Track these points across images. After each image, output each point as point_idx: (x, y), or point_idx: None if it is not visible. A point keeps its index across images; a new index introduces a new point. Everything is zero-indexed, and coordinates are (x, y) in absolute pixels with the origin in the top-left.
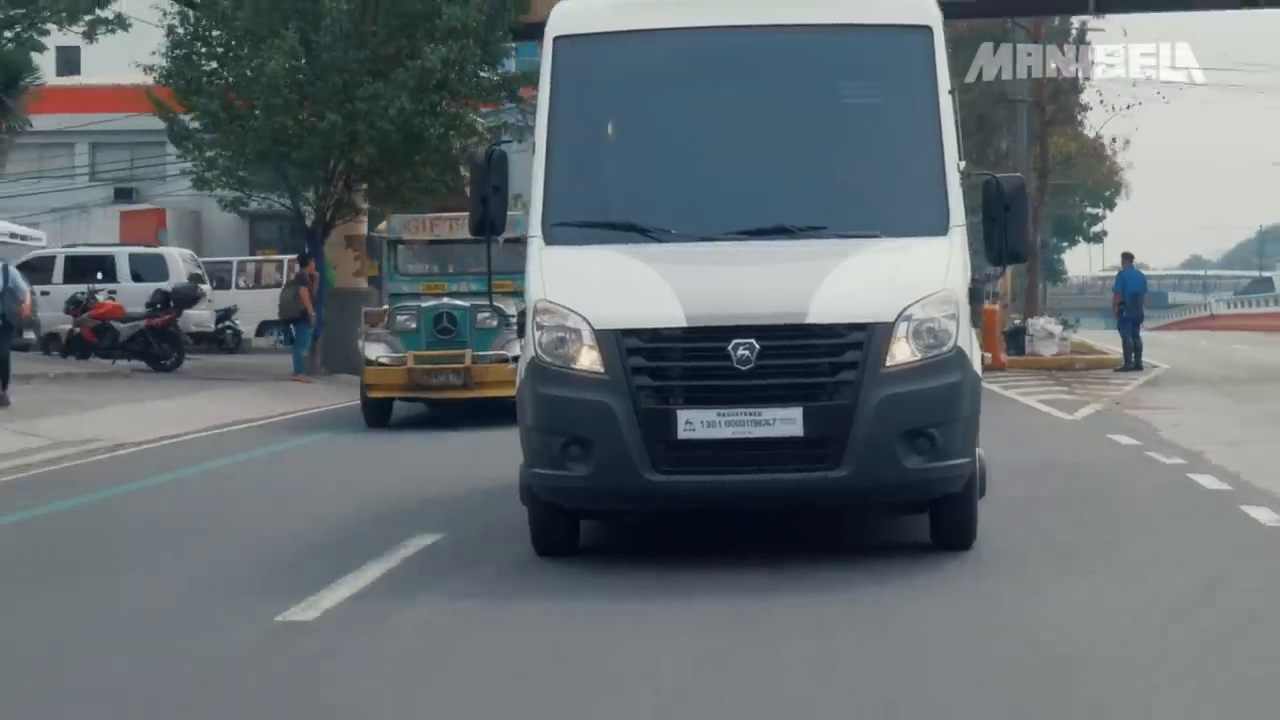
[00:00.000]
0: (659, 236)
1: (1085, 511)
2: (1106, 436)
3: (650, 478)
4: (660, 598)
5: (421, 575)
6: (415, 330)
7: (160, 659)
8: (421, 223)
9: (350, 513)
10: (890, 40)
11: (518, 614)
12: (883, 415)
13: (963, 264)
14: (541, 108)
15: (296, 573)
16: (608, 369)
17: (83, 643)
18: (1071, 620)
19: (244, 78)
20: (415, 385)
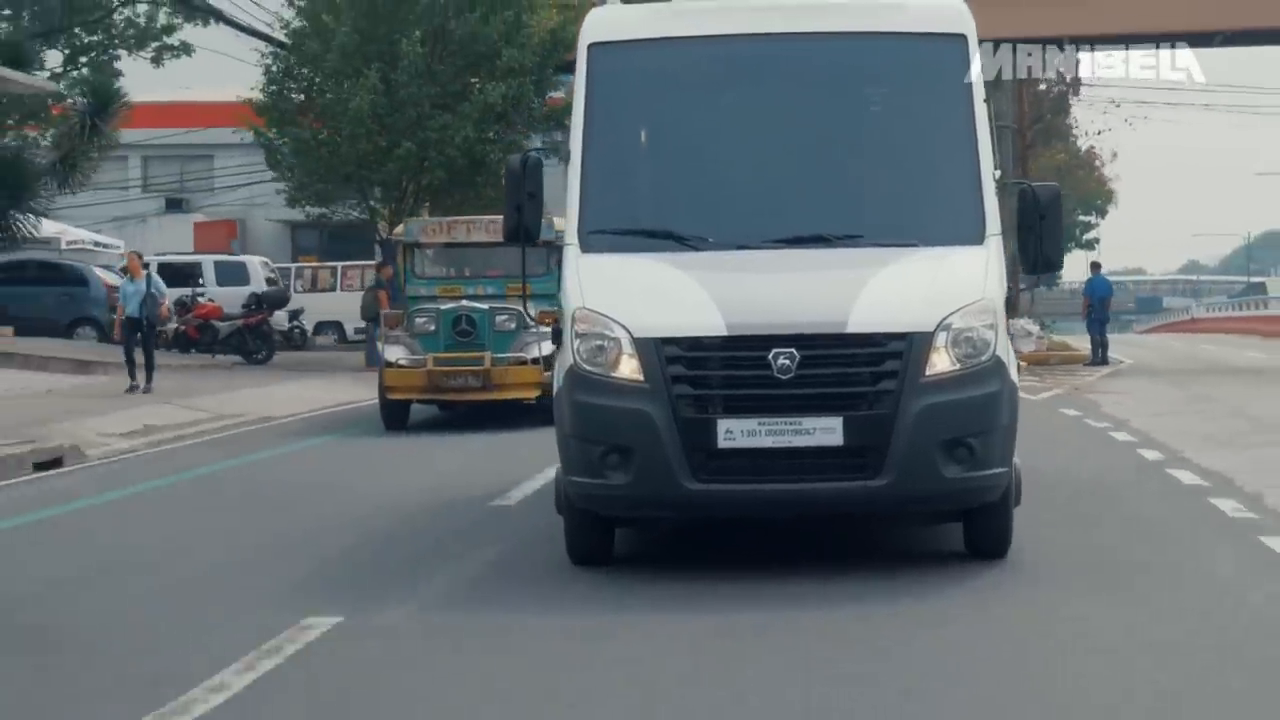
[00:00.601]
0: (696, 244)
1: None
2: (1059, 410)
3: (690, 486)
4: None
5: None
6: (434, 332)
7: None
8: (438, 226)
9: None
10: (925, 49)
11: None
12: (922, 425)
13: (1000, 273)
14: (577, 115)
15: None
16: (647, 377)
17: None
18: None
19: (331, 110)
20: (434, 387)
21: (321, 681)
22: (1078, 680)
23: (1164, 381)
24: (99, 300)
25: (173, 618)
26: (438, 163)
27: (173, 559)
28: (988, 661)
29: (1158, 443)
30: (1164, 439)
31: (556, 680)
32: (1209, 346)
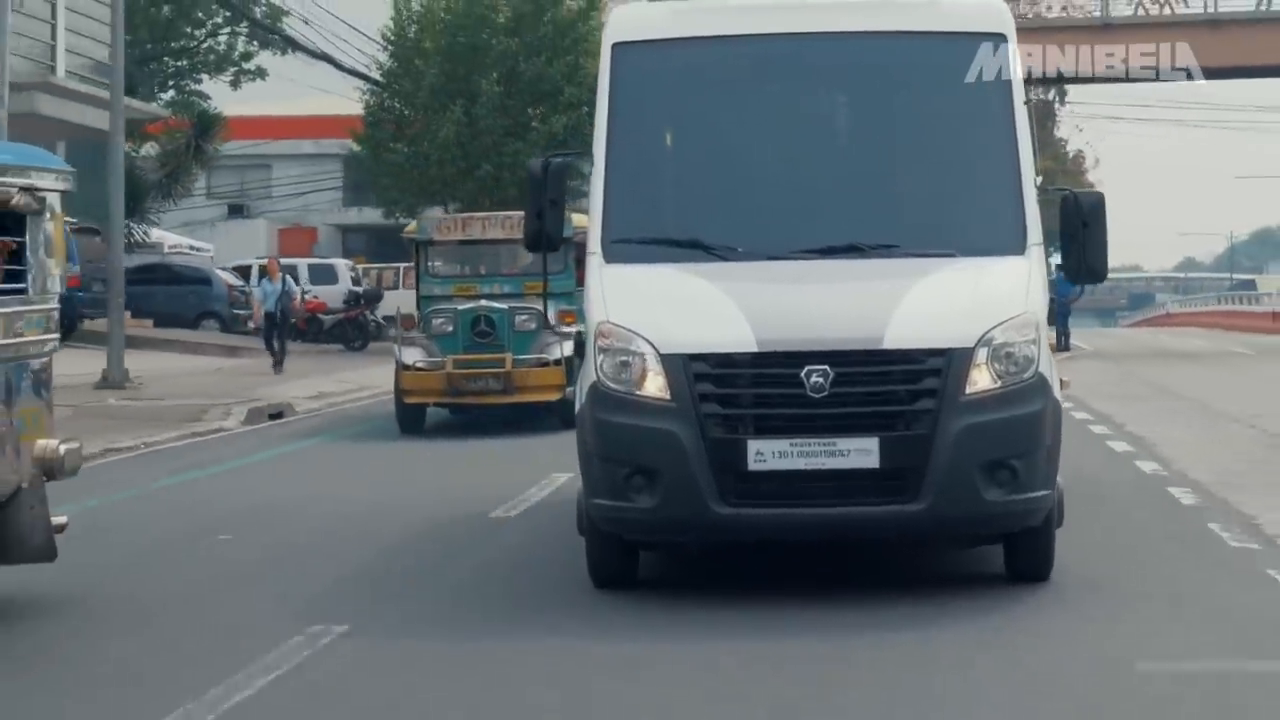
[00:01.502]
0: (724, 254)
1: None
2: None
3: (718, 510)
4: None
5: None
6: (452, 333)
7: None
8: (452, 222)
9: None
10: (963, 48)
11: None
12: (962, 446)
13: (1042, 285)
14: (600, 118)
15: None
16: (674, 395)
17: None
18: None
19: (421, 138)
20: (454, 390)
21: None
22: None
23: (1107, 361)
24: (220, 297)
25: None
26: (510, 182)
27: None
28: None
29: (1074, 398)
30: (1080, 395)
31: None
32: (1165, 336)
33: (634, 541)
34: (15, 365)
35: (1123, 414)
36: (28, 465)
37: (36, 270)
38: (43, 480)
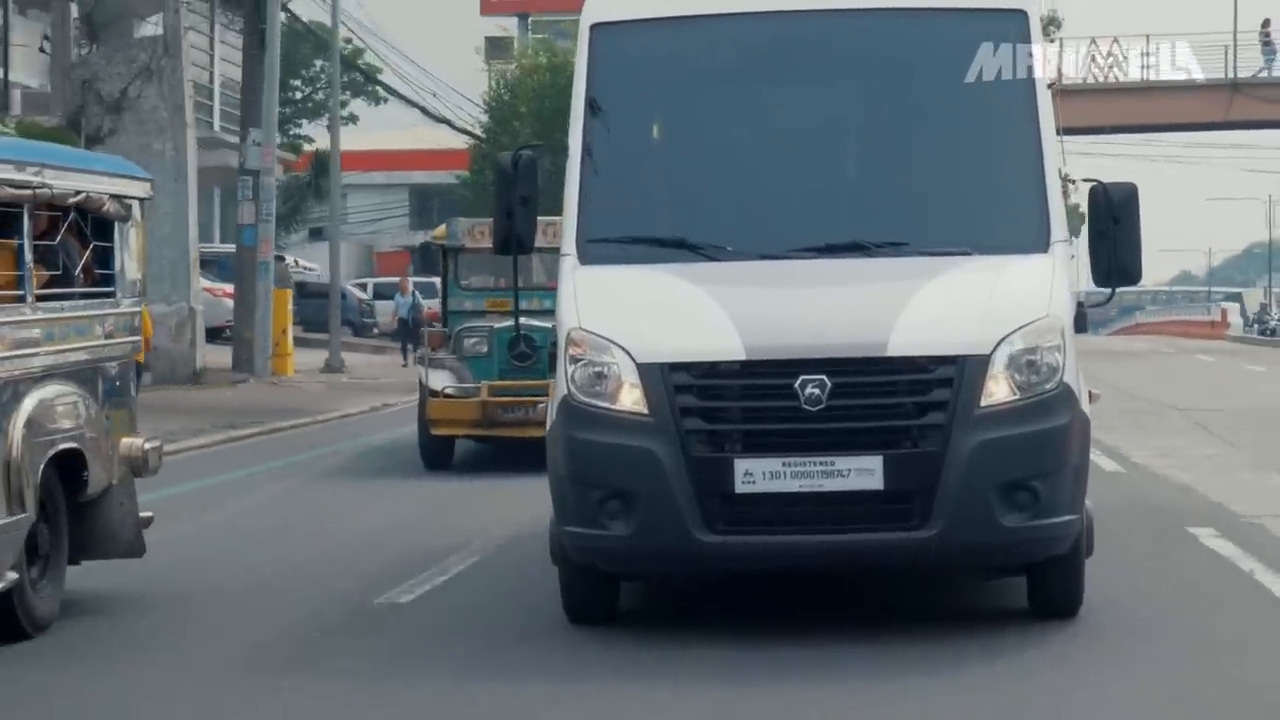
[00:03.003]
0: (712, 254)
1: None
2: None
3: (703, 538)
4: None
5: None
6: (486, 355)
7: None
8: (486, 228)
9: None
10: (979, 27)
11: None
12: (977, 465)
13: (1067, 285)
14: (576, 106)
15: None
16: (653, 410)
17: None
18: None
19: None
20: (489, 421)
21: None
22: None
23: None
24: (352, 307)
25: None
26: None
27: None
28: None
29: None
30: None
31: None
32: (1120, 342)
33: (610, 573)
34: (106, 366)
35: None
36: (117, 463)
37: (123, 275)
38: (131, 477)
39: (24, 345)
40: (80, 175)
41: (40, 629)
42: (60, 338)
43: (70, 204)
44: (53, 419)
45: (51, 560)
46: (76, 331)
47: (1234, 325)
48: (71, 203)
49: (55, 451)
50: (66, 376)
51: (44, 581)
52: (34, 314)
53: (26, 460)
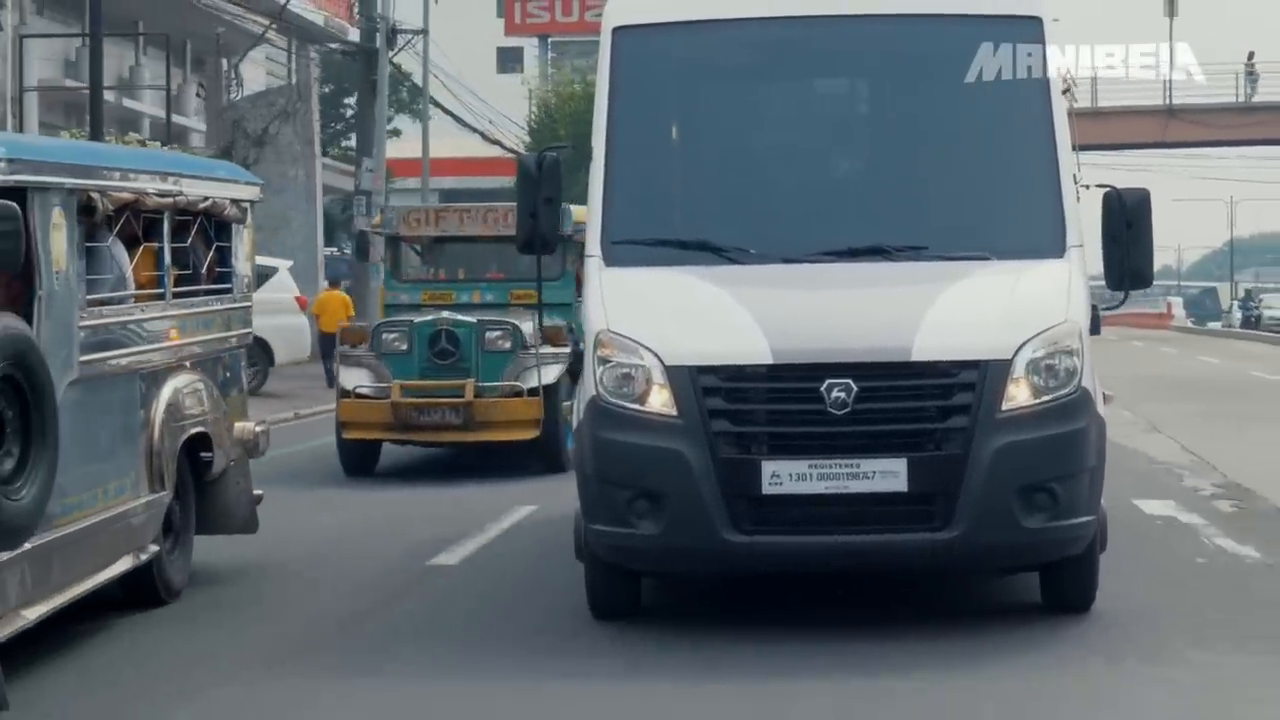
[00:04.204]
0: (736, 257)
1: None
2: None
3: (730, 538)
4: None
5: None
6: (406, 352)
7: None
8: (424, 214)
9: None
10: (994, 33)
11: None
12: (998, 467)
13: (1084, 290)
14: (600, 109)
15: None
16: (681, 412)
17: None
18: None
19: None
20: (402, 424)
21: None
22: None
23: None
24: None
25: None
26: None
27: None
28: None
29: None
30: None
31: None
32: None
33: (637, 571)
34: (225, 356)
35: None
36: (234, 446)
37: (238, 273)
38: (246, 459)
39: (164, 338)
40: (207, 182)
41: (174, 596)
42: (190, 331)
43: (199, 209)
44: (185, 405)
45: (182, 534)
46: (203, 325)
47: (1177, 317)
48: (201, 208)
49: (187, 436)
50: (194, 366)
51: (176, 553)
52: (171, 309)
53: (166, 444)
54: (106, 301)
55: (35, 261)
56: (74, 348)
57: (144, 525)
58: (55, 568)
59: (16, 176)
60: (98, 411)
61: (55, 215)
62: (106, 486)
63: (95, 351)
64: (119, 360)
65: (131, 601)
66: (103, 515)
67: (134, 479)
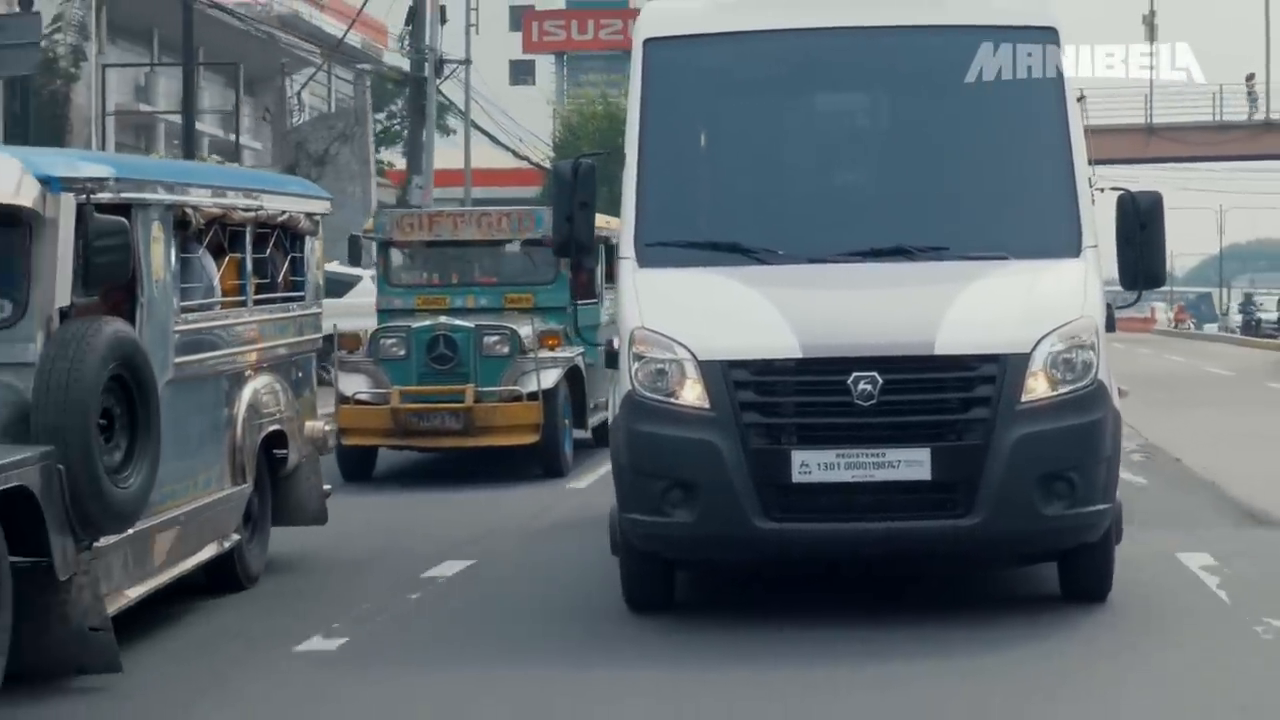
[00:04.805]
0: (765, 258)
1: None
2: None
3: (761, 525)
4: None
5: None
6: (404, 358)
7: None
8: (416, 219)
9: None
10: (1012, 42)
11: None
12: (1018, 456)
13: (1099, 288)
14: (632, 117)
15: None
16: (714, 405)
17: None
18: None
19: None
20: (402, 430)
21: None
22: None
23: None
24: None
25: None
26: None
27: None
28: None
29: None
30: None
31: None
32: None
33: (672, 559)
34: (299, 360)
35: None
36: (306, 443)
37: (310, 281)
38: (316, 455)
39: (246, 342)
40: (283, 197)
41: (252, 582)
42: (268, 335)
43: (277, 222)
44: (264, 405)
45: (259, 525)
46: (279, 330)
47: (1160, 322)
48: (278, 221)
49: (265, 433)
50: (271, 368)
51: (254, 542)
52: (252, 315)
53: (247, 440)
54: (197, 308)
55: (138, 271)
56: (170, 350)
57: (228, 515)
58: (153, 552)
59: (123, 194)
60: (189, 409)
61: (155, 229)
62: (196, 478)
63: (187, 354)
64: (208, 362)
65: (215, 586)
66: (193, 505)
67: (219, 472)
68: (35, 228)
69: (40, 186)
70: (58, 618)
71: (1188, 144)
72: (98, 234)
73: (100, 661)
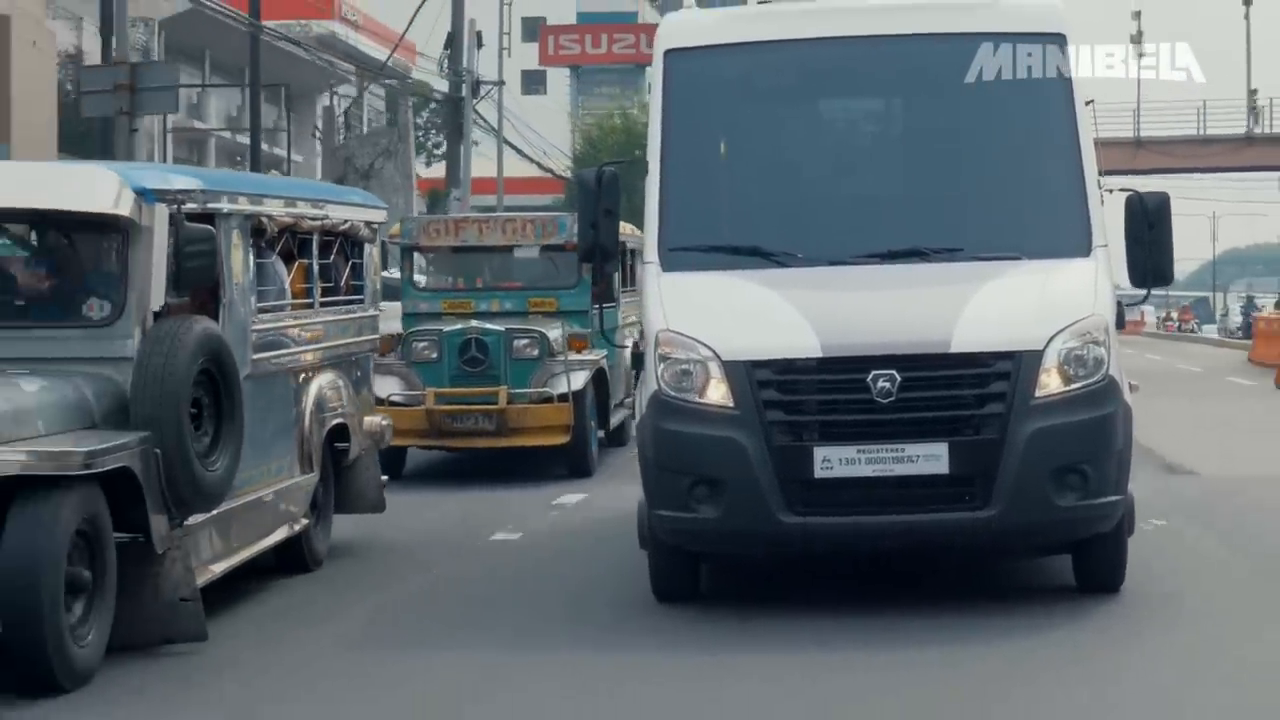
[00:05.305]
0: (784, 261)
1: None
2: None
3: (785, 519)
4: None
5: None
6: (436, 360)
7: None
8: (442, 225)
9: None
10: (1022, 50)
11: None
12: (1033, 450)
13: (1109, 287)
14: (654, 126)
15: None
16: (738, 403)
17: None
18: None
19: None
20: (437, 430)
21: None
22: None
23: None
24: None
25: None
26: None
27: None
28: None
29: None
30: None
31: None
32: None
33: (698, 553)
34: (358, 359)
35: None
36: (365, 436)
37: (368, 285)
38: (374, 448)
39: (313, 341)
40: (346, 207)
41: (317, 564)
42: (332, 336)
43: (340, 230)
44: (328, 400)
45: (324, 511)
46: (341, 331)
47: (1148, 324)
48: (341, 229)
49: (329, 426)
50: (334, 366)
51: (319, 527)
52: (318, 317)
53: (314, 432)
54: (270, 309)
55: (221, 275)
56: (247, 348)
57: (297, 501)
58: (233, 532)
59: (209, 205)
60: (263, 403)
61: (235, 236)
62: (269, 466)
63: (263, 351)
64: (280, 360)
65: (284, 567)
66: (267, 491)
67: (290, 461)
68: (131, 235)
69: (136, 198)
70: (151, 590)
71: (1175, 156)
72: (188, 241)
73: (189, 631)
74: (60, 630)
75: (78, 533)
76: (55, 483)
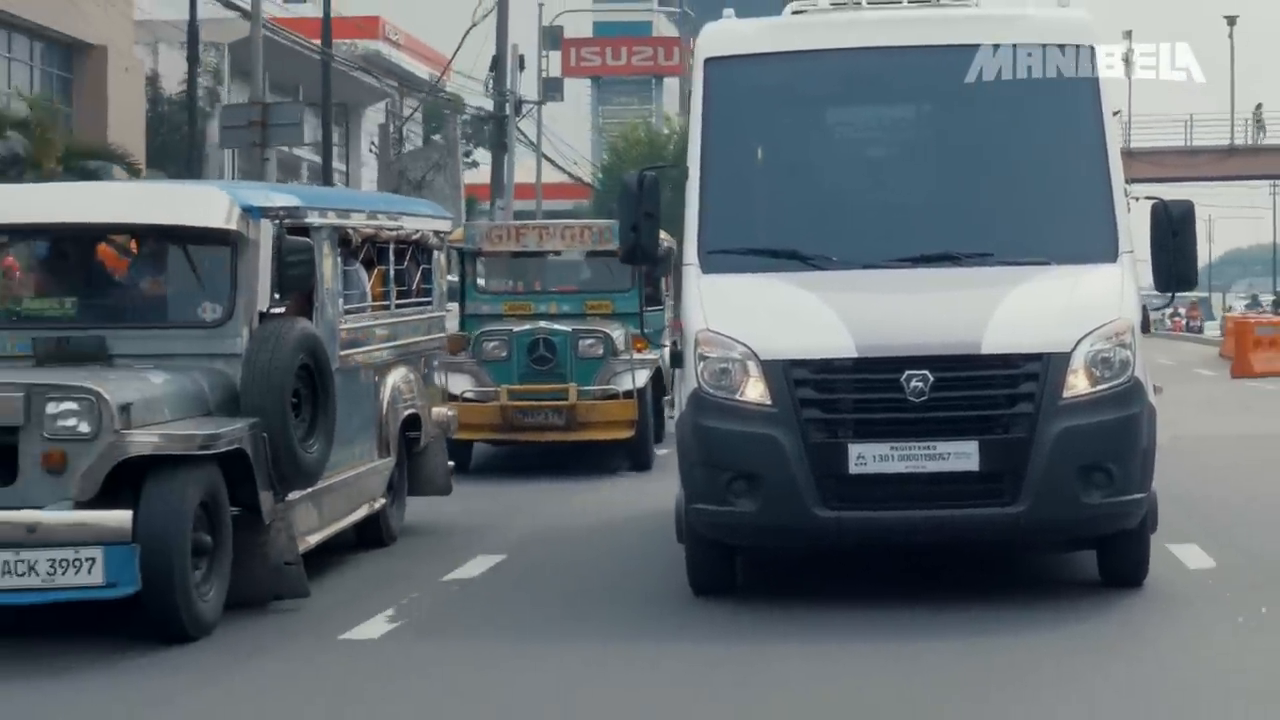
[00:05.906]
0: (820, 264)
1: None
2: None
3: (820, 514)
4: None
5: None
6: (506, 359)
7: None
8: (505, 231)
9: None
10: (1053, 61)
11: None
12: (1061, 449)
13: (1135, 291)
14: (694, 132)
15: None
16: (775, 401)
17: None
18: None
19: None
20: (509, 425)
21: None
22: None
23: None
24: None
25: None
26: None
27: None
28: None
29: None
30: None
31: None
32: None
33: (735, 546)
34: (428, 355)
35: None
36: (434, 426)
37: (437, 289)
38: (442, 436)
39: (390, 338)
40: (417, 218)
41: (393, 540)
42: (406, 334)
43: (413, 239)
44: (402, 392)
45: (399, 493)
46: (413, 330)
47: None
48: (414, 238)
49: (404, 415)
50: (407, 361)
51: (394, 507)
52: (394, 318)
53: (391, 420)
54: (354, 311)
55: (315, 281)
56: (336, 345)
57: (376, 482)
58: (325, 508)
59: (306, 219)
60: (349, 394)
61: (326, 246)
62: (354, 450)
63: (348, 348)
64: (362, 356)
65: (363, 543)
66: (352, 472)
67: (370, 447)
68: (240, 247)
69: (244, 214)
70: (260, 556)
71: (1163, 166)
72: (289, 251)
73: (294, 589)
74: (189, 588)
75: (200, 505)
76: (182, 462)
